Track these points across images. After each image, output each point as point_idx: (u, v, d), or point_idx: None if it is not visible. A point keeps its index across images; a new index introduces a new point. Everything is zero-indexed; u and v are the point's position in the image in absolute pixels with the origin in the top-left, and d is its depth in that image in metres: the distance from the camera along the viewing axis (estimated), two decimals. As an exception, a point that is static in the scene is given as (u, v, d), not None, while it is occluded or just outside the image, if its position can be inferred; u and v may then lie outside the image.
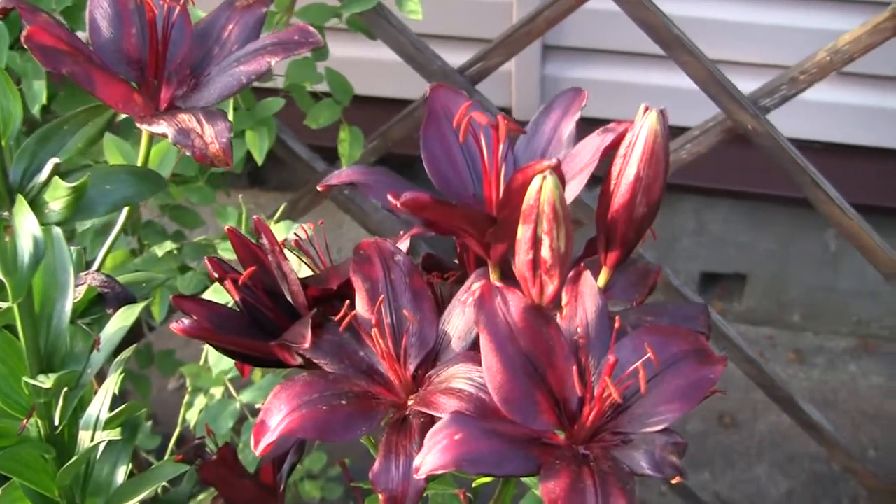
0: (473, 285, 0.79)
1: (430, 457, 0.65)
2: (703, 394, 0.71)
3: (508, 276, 0.74)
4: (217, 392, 1.64)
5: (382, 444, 0.72)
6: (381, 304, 0.76)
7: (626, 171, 0.67)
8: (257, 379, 1.72)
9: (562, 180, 0.63)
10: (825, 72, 1.51)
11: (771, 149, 1.57)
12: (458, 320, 0.78)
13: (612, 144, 0.68)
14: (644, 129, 0.66)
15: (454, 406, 0.71)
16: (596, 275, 0.73)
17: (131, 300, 0.91)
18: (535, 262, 0.65)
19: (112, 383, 0.92)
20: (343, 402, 0.74)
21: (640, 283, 0.86)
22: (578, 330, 0.73)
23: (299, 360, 0.82)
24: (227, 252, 1.58)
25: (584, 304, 0.73)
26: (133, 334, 2.00)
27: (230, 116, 1.48)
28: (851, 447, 1.91)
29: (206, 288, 1.63)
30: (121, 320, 0.88)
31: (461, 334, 0.77)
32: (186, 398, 1.66)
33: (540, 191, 0.62)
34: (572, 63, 2.61)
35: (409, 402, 0.76)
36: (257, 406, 1.64)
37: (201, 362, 1.64)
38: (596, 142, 0.70)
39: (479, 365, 0.73)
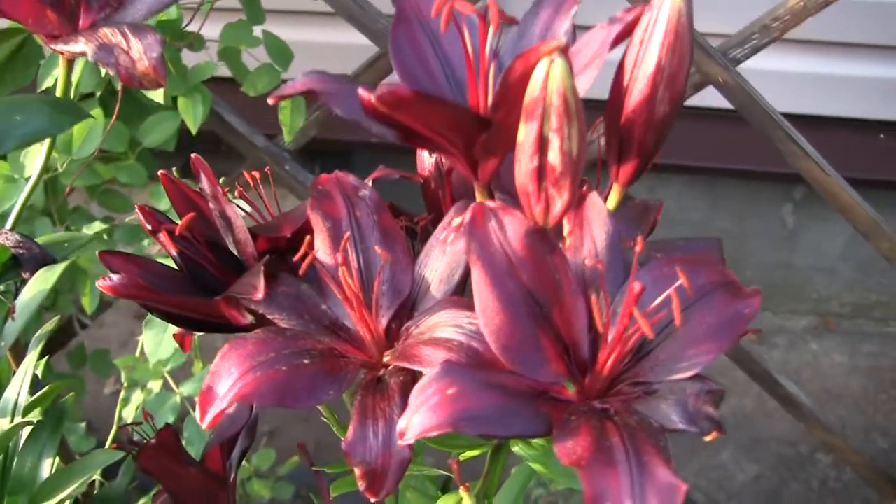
0: (454, 220, 0.67)
1: (419, 417, 0.53)
2: (738, 332, 0.60)
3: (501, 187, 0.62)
4: (155, 386, 1.50)
5: (356, 408, 0.60)
6: (346, 243, 0.64)
7: (644, 61, 0.56)
8: (198, 371, 1.58)
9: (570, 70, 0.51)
10: (799, 18, 1.42)
11: (743, 103, 1.47)
12: (438, 262, 0.66)
13: (622, 34, 0.56)
14: (665, 7, 0.54)
15: (442, 357, 0.59)
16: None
17: (50, 261, 0.78)
18: (541, 171, 0.53)
19: (32, 361, 0.79)
20: (305, 361, 0.62)
21: (640, 219, 0.74)
22: (586, 262, 0.61)
23: (250, 319, 0.69)
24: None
25: (591, 231, 0.62)
26: (63, 333, 1.86)
27: (160, 81, 1.34)
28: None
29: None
30: (39, 284, 0.75)
31: (442, 278, 0.65)
32: (122, 394, 1.52)
33: (547, 78, 0.50)
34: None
35: (386, 359, 0.63)
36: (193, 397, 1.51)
37: (137, 354, 1.50)
38: (601, 35, 0.58)
39: (468, 310, 0.62)
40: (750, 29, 1.45)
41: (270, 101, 0.59)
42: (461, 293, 0.66)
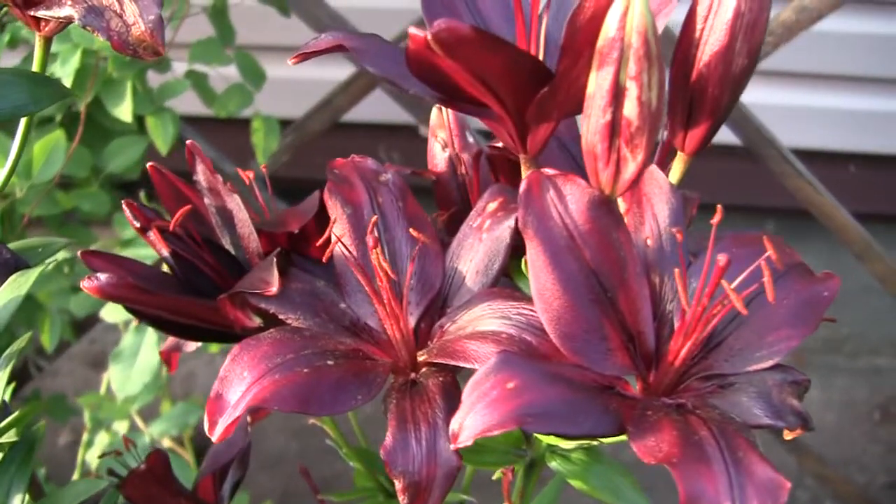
0: (489, 205, 0.59)
1: (476, 415, 0.45)
2: (818, 315, 0.53)
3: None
4: (121, 427, 1.40)
5: (392, 413, 0.52)
6: (374, 227, 0.56)
7: (721, 7, 0.49)
8: (167, 409, 1.49)
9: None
10: (792, 32, 1.37)
11: (735, 120, 1.42)
12: (474, 252, 0.59)
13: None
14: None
15: (492, 351, 0.51)
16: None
17: (24, 267, 0.69)
18: (614, 127, 0.46)
19: (1, 382, 0.70)
20: (329, 362, 0.54)
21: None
22: (648, 243, 0.54)
23: (257, 322, 0.62)
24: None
25: (652, 208, 0.55)
26: (19, 376, 1.75)
27: (128, 101, 1.27)
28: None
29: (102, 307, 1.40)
30: (10, 291, 0.66)
31: (479, 268, 0.58)
32: (85, 436, 1.42)
33: (626, 15, 0.43)
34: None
35: (421, 358, 0.56)
36: (166, 444, 1.41)
37: (102, 391, 1.40)
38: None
39: (514, 300, 0.54)
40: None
41: (291, 61, 0.52)
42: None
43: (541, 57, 0.52)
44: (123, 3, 0.56)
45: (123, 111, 1.26)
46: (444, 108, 0.73)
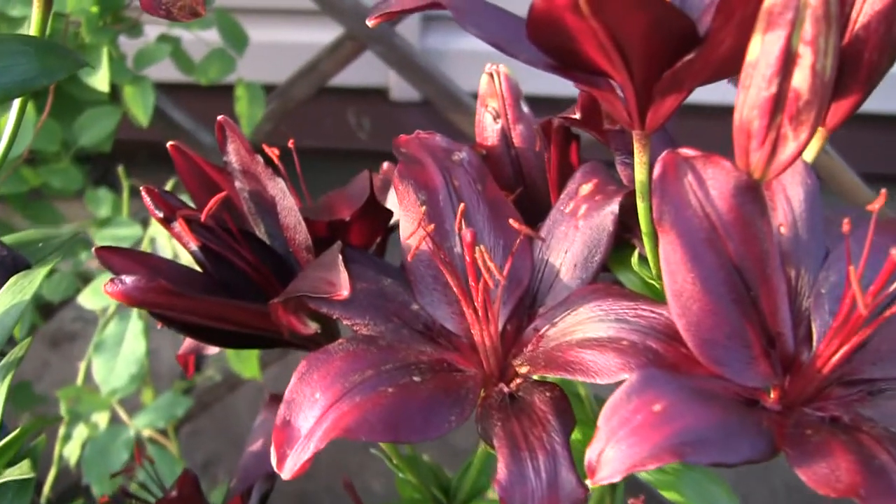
0: (583, 187, 0.52)
1: (620, 447, 0.38)
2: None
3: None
4: (102, 419, 1.31)
5: (500, 438, 0.44)
6: (461, 216, 0.48)
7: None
8: (149, 400, 1.40)
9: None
10: None
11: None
12: (568, 242, 0.51)
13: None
14: None
15: (615, 363, 0.43)
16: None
17: (24, 266, 0.61)
18: (778, 100, 0.38)
19: (1, 395, 0.61)
20: (415, 378, 0.46)
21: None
22: (781, 231, 0.47)
23: (314, 328, 0.53)
24: (106, 242, 1.26)
25: (784, 191, 0.47)
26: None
27: (105, 69, 1.17)
28: None
29: (78, 292, 1.31)
30: (13, 295, 0.57)
31: (577, 261, 0.50)
32: (62, 430, 1.32)
33: (805, -34, 0.36)
34: (457, 33, 2.36)
35: (522, 369, 0.48)
36: (147, 434, 1.32)
37: (79, 382, 1.31)
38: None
39: (628, 300, 0.47)
40: None
41: (371, 22, 0.44)
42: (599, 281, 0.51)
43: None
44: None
45: (100, 80, 1.16)
46: (496, 75, 0.65)
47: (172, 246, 1.26)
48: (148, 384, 1.40)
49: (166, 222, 0.57)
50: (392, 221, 0.63)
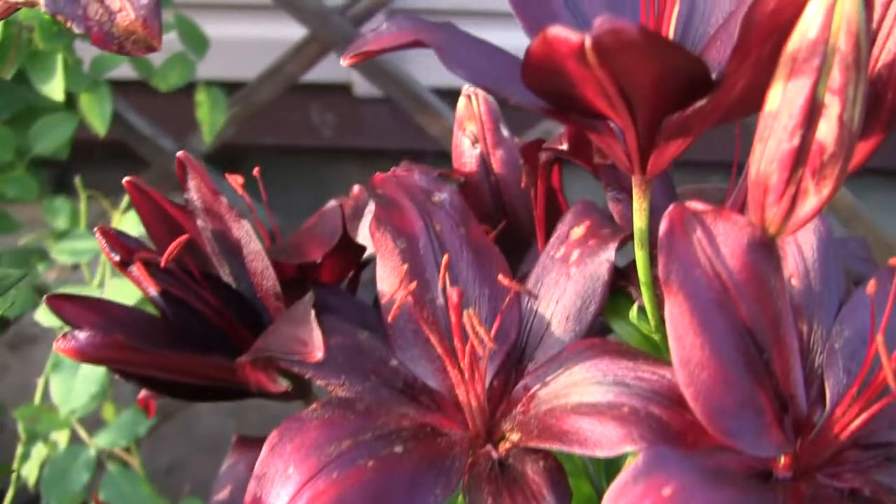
0: (574, 230, 0.48)
1: (627, 538, 0.34)
2: None
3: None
4: (61, 438, 1.26)
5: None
6: (446, 268, 0.44)
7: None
8: (110, 417, 1.35)
9: None
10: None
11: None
12: (560, 291, 0.47)
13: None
14: None
15: (616, 434, 0.40)
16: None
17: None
18: (801, 153, 0.35)
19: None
20: (397, 448, 0.42)
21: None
22: (792, 283, 0.43)
23: (285, 386, 0.49)
24: (63, 256, 1.21)
25: (795, 239, 0.44)
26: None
27: (59, 76, 1.11)
28: None
29: (36, 305, 1.26)
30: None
31: (569, 313, 0.46)
32: (20, 449, 1.27)
33: (832, 10, 0.32)
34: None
35: (513, 436, 0.44)
36: (109, 449, 1.27)
37: (37, 400, 1.25)
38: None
39: (626, 358, 0.43)
40: None
41: (345, 62, 0.39)
42: (594, 335, 0.47)
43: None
44: (106, -14, 0.43)
45: (54, 88, 1.11)
46: (474, 97, 0.61)
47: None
48: (109, 399, 1.35)
49: (123, 266, 0.53)
50: (366, 255, 0.59)
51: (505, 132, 0.61)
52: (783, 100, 0.34)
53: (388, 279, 0.47)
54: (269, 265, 0.51)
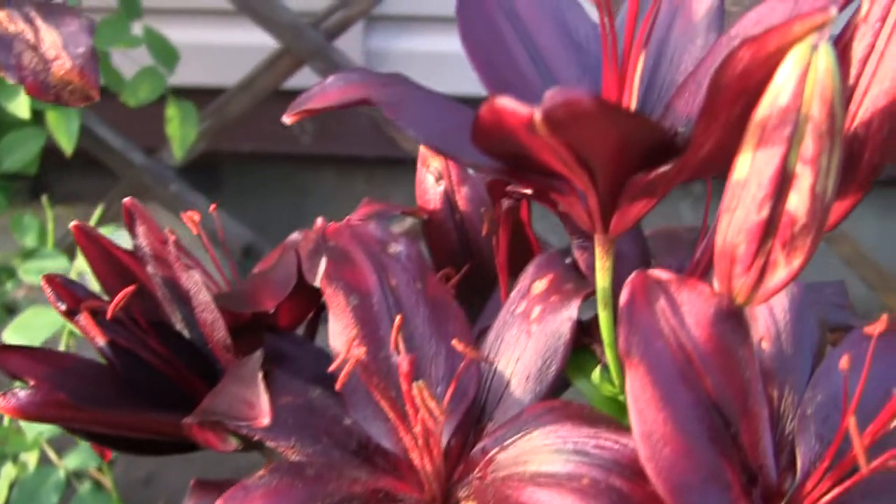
0: (536, 284, 0.46)
1: None
2: None
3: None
4: (31, 458, 1.24)
5: None
6: (397, 336, 0.42)
7: (890, 48, 0.36)
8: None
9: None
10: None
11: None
12: (520, 348, 0.45)
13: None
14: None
15: (574, 511, 0.38)
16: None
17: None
18: (770, 224, 0.33)
19: None
20: (348, 518, 0.40)
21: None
22: (763, 346, 0.42)
23: (234, 446, 0.47)
24: (31, 276, 1.18)
25: (768, 301, 0.42)
26: None
27: (24, 94, 1.09)
28: None
29: (4, 323, 1.23)
30: None
31: (530, 372, 0.44)
32: (-12, 471, 1.25)
33: (805, 76, 0.30)
34: (401, 33, 2.29)
35: (463, 496, 0.42)
36: (89, 470, 1.25)
37: (5, 422, 1.23)
38: (782, 10, 0.39)
39: (586, 425, 0.41)
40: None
41: (288, 119, 0.37)
42: (556, 394, 0.45)
43: (633, 107, 0.39)
44: (40, 31, 0.41)
45: (20, 106, 1.09)
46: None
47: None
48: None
49: (70, 315, 0.51)
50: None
51: (470, 169, 0.59)
52: (752, 169, 0.32)
53: (341, 337, 0.45)
54: (218, 317, 0.49)
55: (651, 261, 0.52)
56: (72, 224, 0.53)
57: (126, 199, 0.50)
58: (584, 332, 0.46)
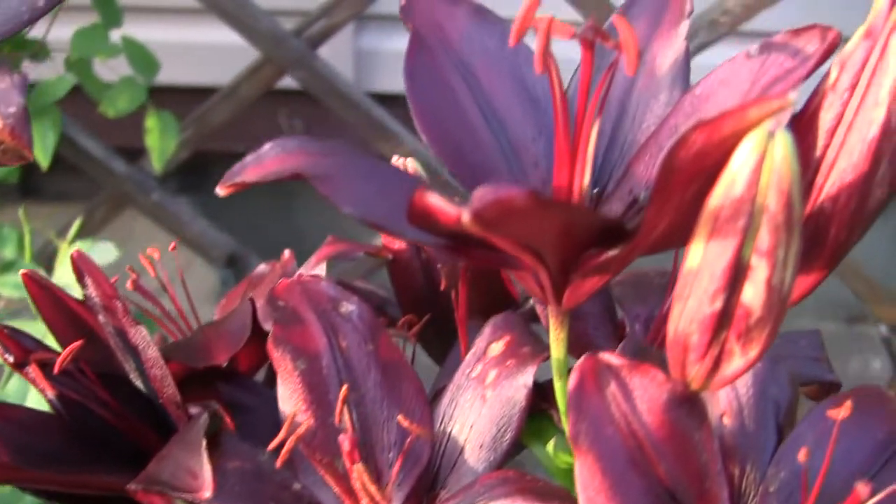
0: (492, 346, 0.44)
1: None
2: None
3: (571, 339, 0.40)
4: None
5: None
6: (342, 404, 0.41)
7: (860, 119, 0.34)
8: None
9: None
10: (751, 11, 1.23)
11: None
12: (475, 414, 0.43)
13: (802, 75, 0.35)
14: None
15: None
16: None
17: None
18: (724, 316, 0.31)
19: None
20: None
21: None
22: (724, 421, 0.40)
23: (182, 508, 0.45)
24: (8, 289, 1.17)
25: (727, 373, 0.40)
26: None
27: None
28: None
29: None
30: None
31: (484, 440, 0.43)
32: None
33: (760, 165, 0.28)
34: (392, 33, 2.27)
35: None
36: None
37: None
38: (747, 72, 0.37)
39: (538, 499, 0.39)
40: (695, 25, 1.26)
41: (222, 192, 0.36)
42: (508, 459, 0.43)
43: (586, 180, 0.37)
44: (-33, 90, 0.39)
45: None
46: (402, 167, 0.58)
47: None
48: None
49: (18, 367, 0.50)
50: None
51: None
52: (704, 260, 0.31)
53: (289, 402, 0.43)
54: (167, 374, 0.47)
55: (616, 315, 0.51)
56: (21, 272, 0.51)
57: (73, 252, 0.49)
58: (542, 397, 0.45)
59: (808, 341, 0.54)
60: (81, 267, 0.48)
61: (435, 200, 0.27)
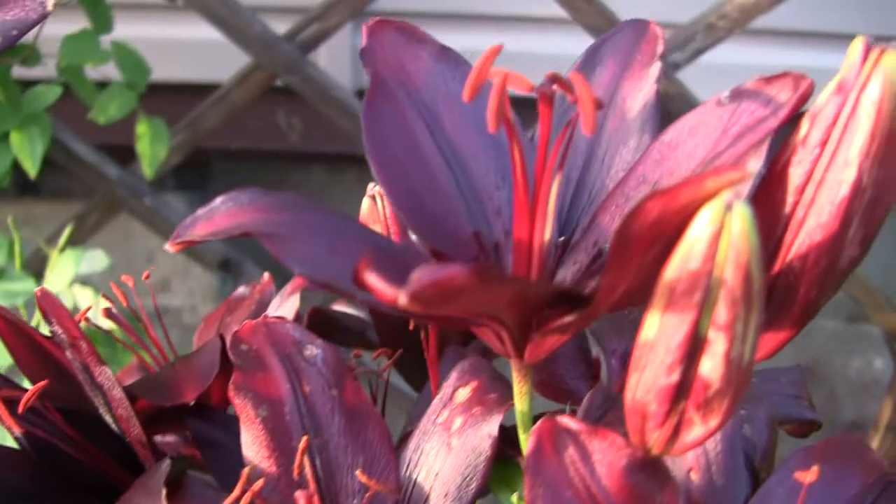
0: (459, 391, 0.43)
1: None
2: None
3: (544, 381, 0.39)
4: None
5: None
6: (302, 455, 0.40)
7: (830, 177, 0.33)
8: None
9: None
10: (749, 15, 1.22)
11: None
12: (440, 461, 0.42)
13: (773, 125, 0.33)
14: (873, 90, 0.32)
15: None
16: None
17: None
18: (681, 388, 0.30)
19: None
20: None
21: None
22: (692, 477, 0.39)
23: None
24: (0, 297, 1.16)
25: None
26: None
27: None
28: None
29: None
30: None
31: (448, 489, 0.42)
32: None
33: (718, 237, 0.27)
34: (392, 30, 2.26)
35: None
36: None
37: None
38: (717, 120, 0.36)
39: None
40: (692, 29, 1.25)
41: (171, 248, 0.35)
42: (477, 508, 0.42)
43: (548, 233, 0.36)
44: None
45: (-19, 127, 1.06)
46: (378, 197, 0.56)
47: (73, 296, 1.16)
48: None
49: (-18, 405, 0.49)
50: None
51: (413, 237, 0.57)
52: (660, 332, 0.30)
53: (251, 448, 0.42)
54: (132, 414, 0.47)
55: (590, 354, 0.50)
56: (-13, 307, 0.51)
57: (37, 289, 0.48)
58: (509, 443, 0.44)
59: (789, 378, 0.53)
60: (45, 307, 0.48)
61: (373, 280, 0.26)
